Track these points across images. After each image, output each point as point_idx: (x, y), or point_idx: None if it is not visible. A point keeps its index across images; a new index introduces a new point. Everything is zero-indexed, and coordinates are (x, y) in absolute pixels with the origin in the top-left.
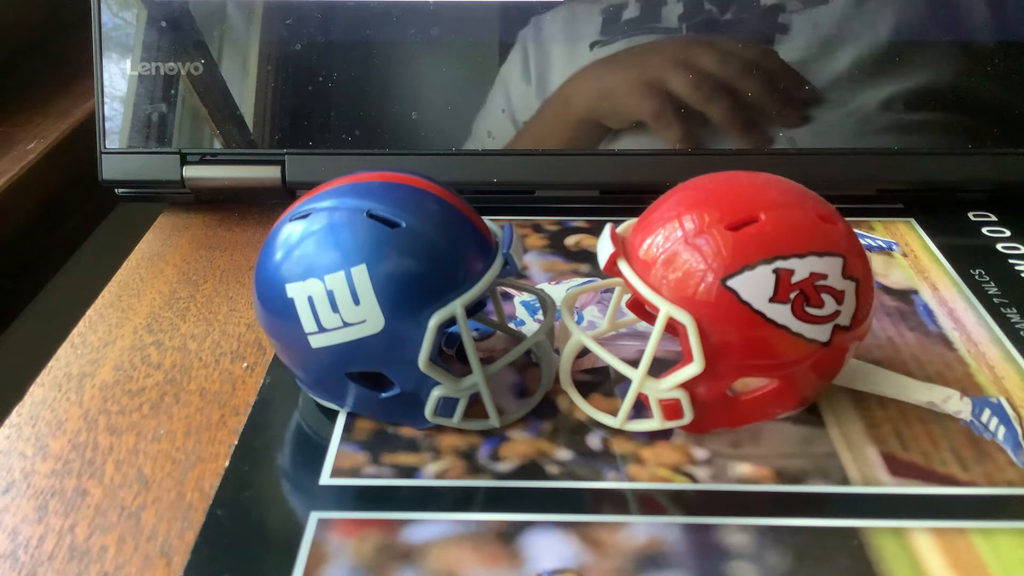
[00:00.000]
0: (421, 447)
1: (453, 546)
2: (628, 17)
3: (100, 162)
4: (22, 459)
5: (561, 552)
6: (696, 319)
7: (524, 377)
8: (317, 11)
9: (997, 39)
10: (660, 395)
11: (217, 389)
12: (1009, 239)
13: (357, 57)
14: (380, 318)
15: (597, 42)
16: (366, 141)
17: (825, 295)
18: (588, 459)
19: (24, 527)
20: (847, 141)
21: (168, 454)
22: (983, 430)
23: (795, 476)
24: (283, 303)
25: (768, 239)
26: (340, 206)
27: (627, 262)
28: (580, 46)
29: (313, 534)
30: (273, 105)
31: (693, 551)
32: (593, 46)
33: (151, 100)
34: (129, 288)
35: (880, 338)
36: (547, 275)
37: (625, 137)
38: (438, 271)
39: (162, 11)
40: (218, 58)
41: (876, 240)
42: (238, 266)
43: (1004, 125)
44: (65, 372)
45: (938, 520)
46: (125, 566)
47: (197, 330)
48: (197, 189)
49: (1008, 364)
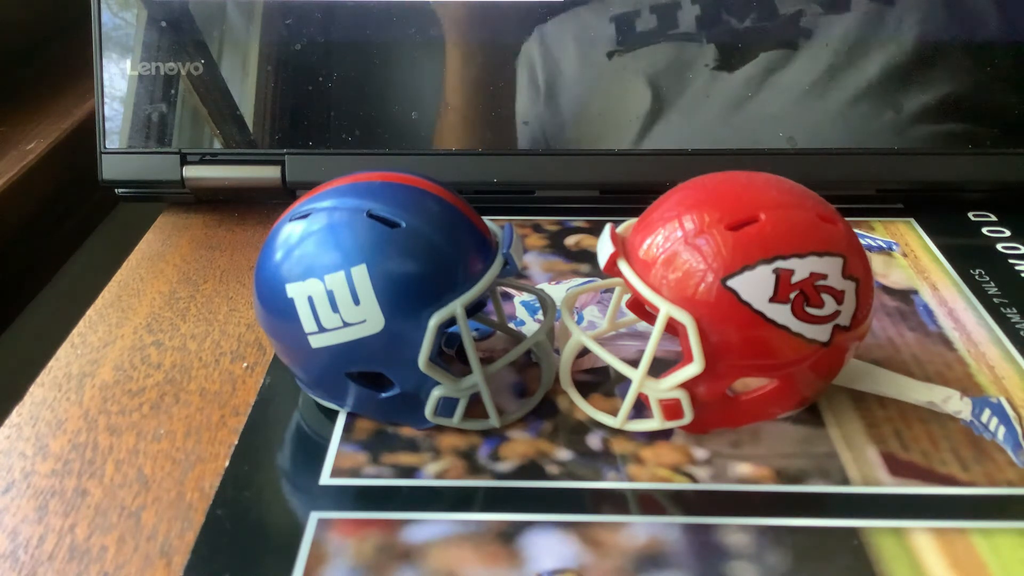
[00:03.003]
0: (421, 447)
1: (453, 546)
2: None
3: (100, 162)
4: (22, 459)
5: (561, 552)
6: (696, 319)
7: (524, 377)
8: (317, 11)
9: (997, 39)
10: (660, 395)
11: (217, 389)
12: (1009, 239)
13: (357, 57)
14: (380, 318)
15: (615, 51)
16: (366, 141)
17: (825, 295)
18: (588, 459)
19: (24, 527)
20: (847, 141)
21: (168, 454)
22: (983, 430)
23: (795, 476)
24: (283, 303)
25: (768, 239)
26: (340, 206)
27: (627, 262)
28: (595, 53)
29: (313, 534)
30: (273, 105)
31: (693, 551)
32: (612, 55)
33: (151, 100)
34: (129, 288)
35: (880, 338)
36: (547, 275)
37: (625, 137)
38: (438, 271)
39: (162, 11)
40: (218, 58)
41: (876, 240)
42: (238, 266)
43: (1004, 125)
44: (65, 372)
45: (938, 520)
46: (125, 566)
47: (197, 330)
48: (197, 189)
49: (1008, 364)
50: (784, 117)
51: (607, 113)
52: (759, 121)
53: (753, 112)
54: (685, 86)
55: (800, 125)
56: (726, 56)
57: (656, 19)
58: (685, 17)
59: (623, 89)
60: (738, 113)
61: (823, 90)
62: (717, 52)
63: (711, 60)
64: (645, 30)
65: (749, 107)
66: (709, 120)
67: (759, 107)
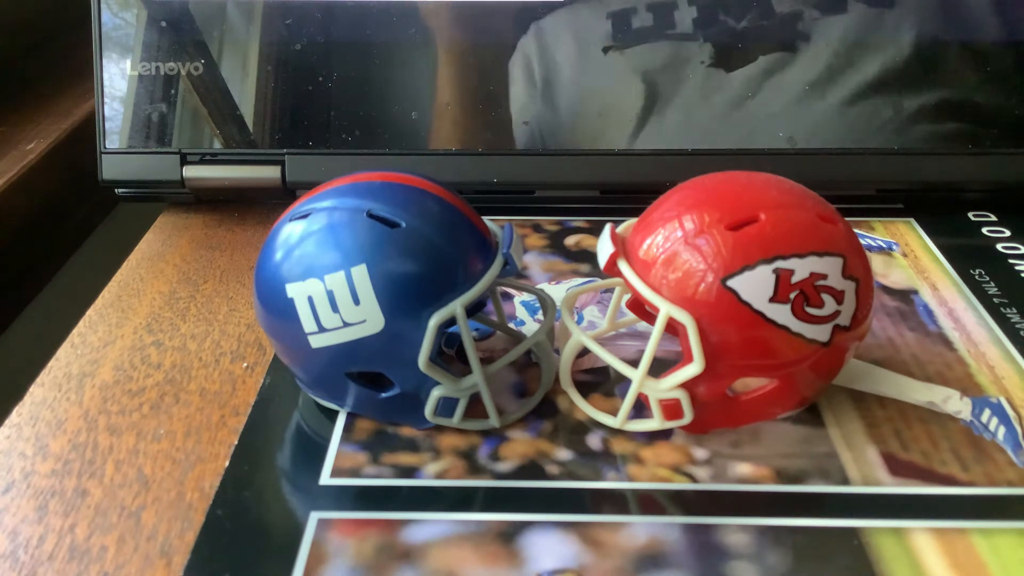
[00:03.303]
0: (421, 447)
1: (453, 546)
2: (640, 23)
3: (100, 162)
4: (22, 459)
5: (561, 552)
6: (696, 319)
7: (524, 377)
8: (317, 11)
9: (997, 39)
10: (660, 395)
11: (217, 389)
12: (1009, 239)
13: (357, 57)
14: (380, 318)
15: (611, 47)
16: (366, 141)
17: (825, 295)
18: (588, 459)
19: (24, 527)
20: (847, 141)
21: (168, 454)
22: (983, 430)
23: (795, 476)
24: (283, 303)
25: (768, 239)
26: (340, 206)
27: (627, 262)
28: (591, 50)
29: (313, 534)
30: (273, 105)
31: (693, 551)
32: (607, 51)
33: (151, 100)
34: (129, 288)
35: (880, 338)
36: (547, 275)
37: (625, 137)
38: (438, 271)
39: (162, 11)
40: (218, 58)
41: (876, 240)
42: (238, 266)
43: (1004, 125)
44: (65, 372)
45: (938, 520)
46: (125, 566)
47: (197, 330)
48: (197, 189)
49: (1008, 364)
50: (784, 117)
51: (606, 112)
52: (759, 121)
53: (753, 112)
54: (685, 86)
55: (800, 125)
56: (725, 56)
57: (653, 17)
58: (683, 17)
59: (621, 88)
60: (738, 113)
61: (823, 90)
62: (716, 52)
63: (710, 60)
64: (642, 28)
65: (749, 107)
66: (709, 120)
67: (759, 107)
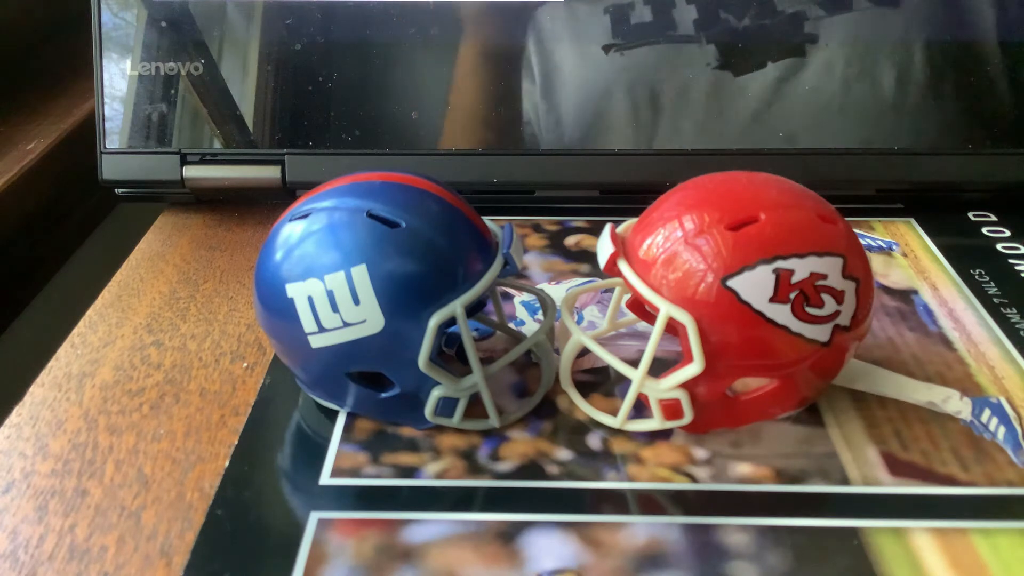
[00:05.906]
0: (421, 447)
1: (453, 546)
2: (639, 22)
3: (100, 162)
4: (22, 459)
5: (561, 552)
6: (696, 319)
7: (524, 377)
8: (317, 11)
9: (997, 39)
10: (660, 395)
11: (217, 389)
12: (1009, 239)
13: (357, 57)
14: (380, 318)
15: (612, 46)
16: (366, 141)
17: (825, 295)
18: (588, 459)
19: (24, 527)
20: (847, 141)
21: (168, 454)
22: (983, 430)
23: (795, 476)
24: (283, 303)
25: (768, 239)
26: (340, 206)
27: (627, 262)
28: (591, 49)
29: (313, 534)
30: (273, 105)
31: (693, 551)
32: (607, 50)
33: (151, 100)
34: (129, 288)
35: (880, 338)
36: (547, 275)
37: (625, 137)
38: (438, 271)
39: (162, 11)
40: (218, 58)
41: (876, 240)
42: (238, 266)
43: (1004, 125)
44: (65, 372)
45: (938, 520)
46: (125, 566)
47: (197, 330)
48: (197, 189)
49: (1008, 364)
50: (784, 117)
51: (606, 112)
52: (759, 121)
53: (753, 112)
54: (685, 86)
55: (800, 125)
56: (726, 56)
57: (652, 15)
58: (683, 17)
59: (621, 87)
60: (738, 113)
61: (823, 90)
62: (717, 52)
63: (711, 60)
64: (642, 28)
65: (749, 107)
66: (709, 120)
67: (759, 107)
